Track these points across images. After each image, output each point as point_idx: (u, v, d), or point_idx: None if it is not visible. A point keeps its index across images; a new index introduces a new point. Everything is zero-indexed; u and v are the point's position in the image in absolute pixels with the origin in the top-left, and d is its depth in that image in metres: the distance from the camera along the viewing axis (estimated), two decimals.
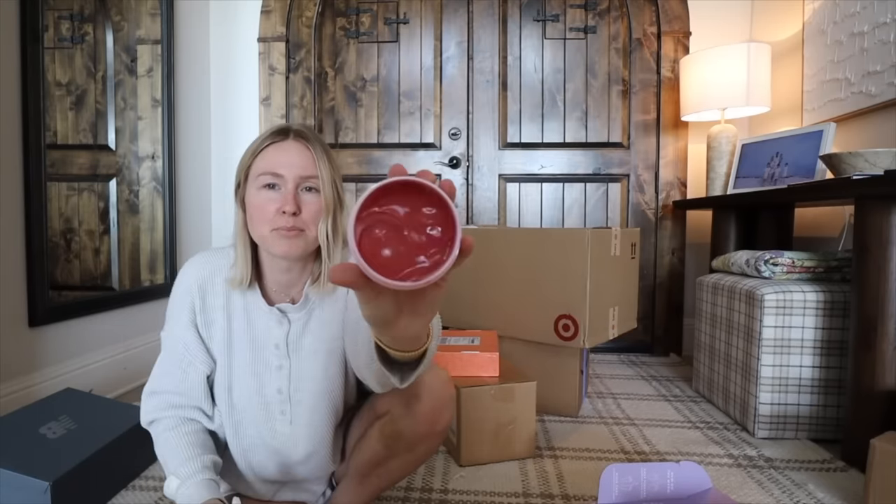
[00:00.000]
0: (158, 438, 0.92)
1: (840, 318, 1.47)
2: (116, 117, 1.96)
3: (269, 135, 0.86)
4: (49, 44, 1.65)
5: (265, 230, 0.83)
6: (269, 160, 0.83)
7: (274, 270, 0.90)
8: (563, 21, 2.54)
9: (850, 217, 1.79)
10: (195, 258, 0.93)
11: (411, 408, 0.86)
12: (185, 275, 0.92)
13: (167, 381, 0.94)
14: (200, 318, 0.92)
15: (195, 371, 0.93)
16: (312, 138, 0.86)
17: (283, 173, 0.82)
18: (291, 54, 2.62)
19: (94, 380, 1.80)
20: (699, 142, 2.49)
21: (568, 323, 1.63)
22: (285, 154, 0.83)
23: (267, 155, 0.84)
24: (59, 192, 1.70)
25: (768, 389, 1.51)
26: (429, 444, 0.91)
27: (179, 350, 0.93)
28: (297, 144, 0.85)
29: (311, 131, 0.88)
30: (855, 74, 1.79)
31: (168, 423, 0.92)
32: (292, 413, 0.93)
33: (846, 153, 1.36)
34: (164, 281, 2.23)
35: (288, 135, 0.85)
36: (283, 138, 0.85)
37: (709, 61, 2.15)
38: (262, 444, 0.94)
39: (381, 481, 0.96)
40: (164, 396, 0.93)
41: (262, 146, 0.85)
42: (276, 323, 0.91)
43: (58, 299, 1.68)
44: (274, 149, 0.84)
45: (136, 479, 1.27)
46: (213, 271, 0.92)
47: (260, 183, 0.83)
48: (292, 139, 0.85)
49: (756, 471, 1.32)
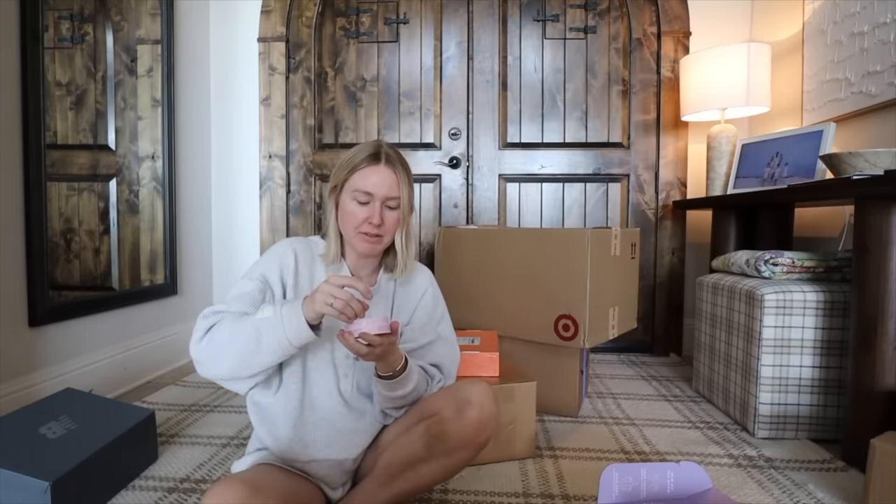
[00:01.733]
0: (222, 330, 0.94)
1: (840, 318, 1.47)
2: (116, 117, 1.96)
3: (366, 157, 1.04)
4: (49, 44, 1.65)
5: (352, 231, 1.05)
6: (364, 181, 1.03)
7: (352, 254, 1.10)
8: (563, 21, 2.54)
9: (850, 217, 1.79)
10: (287, 238, 1.12)
11: (462, 412, 0.97)
12: (281, 245, 1.08)
13: (235, 306, 0.99)
14: (291, 279, 1.05)
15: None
16: (398, 163, 1.05)
17: (373, 192, 1.03)
18: (291, 54, 2.62)
19: (94, 380, 1.80)
20: (699, 142, 2.49)
21: (568, 323, 1.63)
22: (377, 176, 1.03)
23: (362, 175, 1.03)
24: (59, 192, 1.71)
25: (768, 389, 1.51)
26: (467, 452, 0.99)
27: (256, 290, 1.01)
28: (386, 170, 1.04)
29: (398, 155, 1.07)
30: (855, 74, 1.79)
31: (232, 317, 0.96)
32: (355, 377, 1.06)
33: (846, 153, 1.36)
34: (163, 281, 2.23)
35: (380, 159, 1.04)
36: (377, 163, 1.04)
37: (709, 61, 2.15)
38: (321, 406, 1.03)
39: (409, 485, 0.99)
40: (229, 315, 0.97)
41: (359, 166, 1.04)
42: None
43: (58, 299, 1.68)
44: (369, 171, 1.03)
45: (136, 479, 1.26)
46: (307, 247, 1.10)
47: (354, 197, 1.04)
48: (384, 164, 1.04)
49: (756, 471, 1.32)
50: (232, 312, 0.97)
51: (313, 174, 2.64)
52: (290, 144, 2.63)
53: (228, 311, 0.98)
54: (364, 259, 1.10)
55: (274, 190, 2.62)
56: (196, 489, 1.22)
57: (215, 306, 0.99)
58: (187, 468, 1.32)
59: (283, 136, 2.61)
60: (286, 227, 2.63)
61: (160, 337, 2.19)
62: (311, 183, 2.65)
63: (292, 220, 2.65)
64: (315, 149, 2.64)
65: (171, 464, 1.34)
